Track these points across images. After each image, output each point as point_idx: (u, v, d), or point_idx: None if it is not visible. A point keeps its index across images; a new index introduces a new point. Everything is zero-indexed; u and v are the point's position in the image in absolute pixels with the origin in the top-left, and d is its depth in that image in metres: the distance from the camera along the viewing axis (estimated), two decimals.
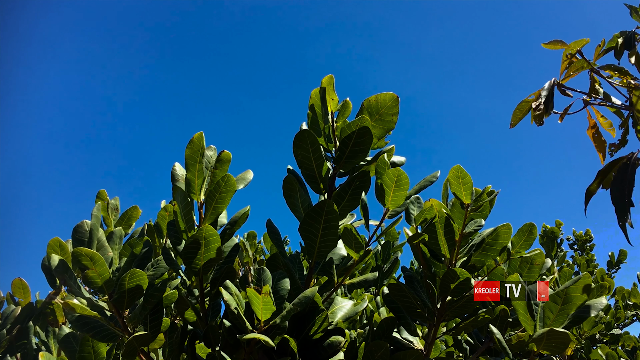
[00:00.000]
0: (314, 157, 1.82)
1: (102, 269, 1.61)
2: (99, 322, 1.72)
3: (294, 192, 1.89)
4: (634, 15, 2.44)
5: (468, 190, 2.00)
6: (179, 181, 1.77)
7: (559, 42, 2.59)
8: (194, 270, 1.74)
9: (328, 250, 1.80)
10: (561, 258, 6.56)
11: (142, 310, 1.73)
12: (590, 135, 2.76)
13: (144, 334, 1.65)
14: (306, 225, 1.75)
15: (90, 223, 1.76)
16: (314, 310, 1.81)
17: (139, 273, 1.63)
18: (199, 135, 1.74)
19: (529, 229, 2.23)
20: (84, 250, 1.57)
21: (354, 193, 1.87)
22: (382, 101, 1.84)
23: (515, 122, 2.69)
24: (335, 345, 1.76)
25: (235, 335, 1.66)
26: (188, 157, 1.74)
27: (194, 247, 1.70)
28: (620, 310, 5.31)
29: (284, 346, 1.70)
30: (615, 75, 2.54)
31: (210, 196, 1.76)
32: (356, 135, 1.79)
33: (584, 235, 8.04)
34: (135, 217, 2.68)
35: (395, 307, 2.20)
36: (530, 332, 1.95)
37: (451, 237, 2.05)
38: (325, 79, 1.82)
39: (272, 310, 1.60)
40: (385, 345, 1.85)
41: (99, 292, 1.68)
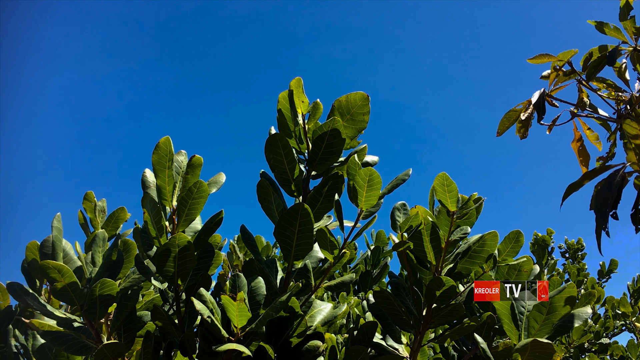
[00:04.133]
0: (286, 160, 1.80)
1: (70, 281, 1.57)
2: (71, 335, 1.68)
3: (268, 196, 1.87)
4: (607, 31, 2.43)
5: (454, 198, 1.99)
6: (150, 188, 1.74)
7: (545, 55, 2.60)
8: (167, 277, 1.70)
9: (304, 253, 1.78)
10: (552, 266, 6.57)
11: (115, 320, 1.69)
12: (575, 149, 2.76)
13: (116, 343, 1.60)
14: (281, 228, 1.73)
15: (52, 236, 1.72)
16: (292, 315, 1.78)
17: (108, 282, 1.59)
18: (165, 140, 1.71)
19: (516, 236, 2.21)
20: (51, 264, 1.54)
21: (328, 195, 1.85)
22: (353, 101, 1.83)
23: (502, 131, 2.68)
24: (313, 351, 1.73)
25: (211, 343, 1.63)
26: (155, 163, 1.71)
27: (166, 255, 1.66)
28: (610, 320, 5.30)
29: (262, 353, 1.66)
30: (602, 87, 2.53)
31: (183, 202, 1.73)
32: (328, 136, 1.78)
33: (576, 244, 8.05)
34: (122, 218, 2.64)
35: (381, 314, 2.18)
36: (514, 342, 1.93)
37: (437, 244, 2.04)
38: (293, 82, 1.81)
39: (248, 317, 1.57)
40: (364, 350, 1.82)
41: (70, 303, 1.64)
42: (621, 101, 2.40)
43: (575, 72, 2.51)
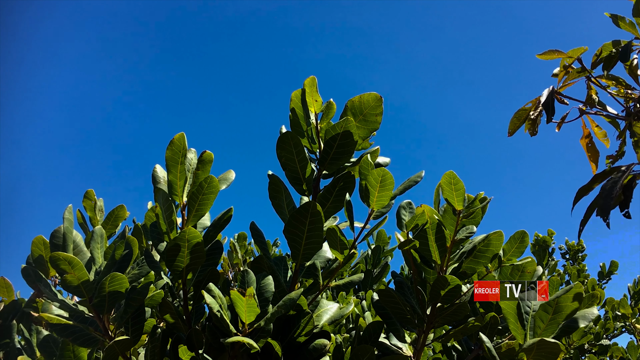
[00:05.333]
0: (297, 158, 1.80)
1: (81, 273, 1.57)
2: (79, 327, 1.68)
3: (279, 194, 1.87)
4: (622, 24, 2.42)
5: (460, 197, 1.98)
6: (161, 183, 1.74)
7: (555, 51, 2.58)
8: (177, 272, 1.71)
9: (313, 252, 1.78)
10: (552, 267, 6.57)
11: (124, 314, 1.69)
12: (584, 145, 2.75)
13: (126, 339, 1.61)
14: (291, 227, 1.73)
15: (63, 227, 1.72)
16: (299, 313, 1.78)
17: (119, 277, 1.59)
18: (179, 136, 1.71)
19: (521, 236, 2.21)
20: (61, 255, 1.54)
21: (338, 194, 1.85)
22: (366, 102, 1.83)
23: (513, 131, 2.66)
24: (320, 349, 1.73)
25: (218, 338, 1.63)
26: (169, 159, 1.71)
27: (176, 250, 1.66)
28: (610, 321, 5.31)
29: (269, 350, 1.66)
30: (612, 84, 2.52)
31: (193, 198, 1.73)
32: (340, 136, 1.77)
33: (576, 245, 8.05)
34: (122, 217, 2.64)
35: (385, 312, 2.18)
36: (520, 341, 1.93)
37: (442, 243, 2.03)
38: (307, 81, 1.81)
39: (256, 313, 1.57)
40: (371, 349, 1.82)
41: (79, 296, 1.64)
42: (630, 99, 2.39)
43: (585, 70, 2.50)
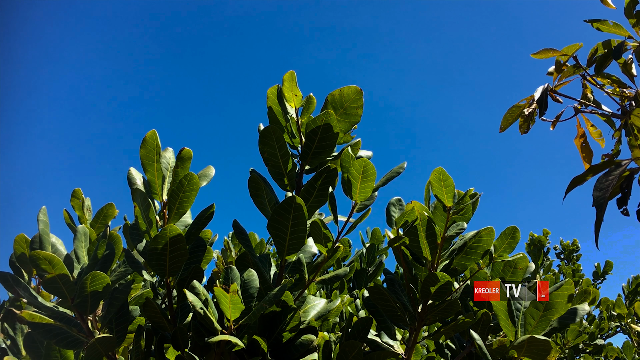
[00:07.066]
0: (280, 153, 1.79)
1: (61, 272, 1.54)
2: (62, 329, 1.65)
3: (260, 191, 1.86)
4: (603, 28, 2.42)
5: (450, 193, 1.97)
6: (137, 184, 1.72)
7: (549, 50, 2.57)
8: (159, 271, 1.68)
9: (298, 247, 1.76)
10: (547, 267, 6.56)
11: (107, 313, 1.66)
12: (578, 145, 2.73)
13: (108, 337, 1.58)
14: (274, 222, 1.71)
15: (39, 229, 1.70)
16: (286, 309, 1.76)
17: (100, 275, 1.57)
18: (151, 134, 1.69)
19: (512, 232, 2.19)
20: (41, 254, 1.52)
21: (321, 188, 1.84)
22: (346, 95, 1.82)
23: (506, 127, 2.65)
24: (306, 345, 1.71)
25: (203, 337, 1.60)
26: (144, 157, 1.70)
27: (156, 247, 1.64)
28: (605, 321, 5.30)
29: (255, 346, 1.64)
30: (607, 83, 2.51)
31: (174, 196, 1.72)
32: (321, 130, 1.76)
33: (571, 245, 8.06)
34: (110, 215, 2.60)
35: (376, 310, 2.16)
36: (511, 338, 1.92)
37: (433, 240, 2.02)
38: (286, 75, 1.81)
39: (241, 309, 1.55)
40: (359, 345, 1.80)
41: (60, 296, 1.61)
42: (626, 97, 2.38)
43: (580, 67, 2.49)
